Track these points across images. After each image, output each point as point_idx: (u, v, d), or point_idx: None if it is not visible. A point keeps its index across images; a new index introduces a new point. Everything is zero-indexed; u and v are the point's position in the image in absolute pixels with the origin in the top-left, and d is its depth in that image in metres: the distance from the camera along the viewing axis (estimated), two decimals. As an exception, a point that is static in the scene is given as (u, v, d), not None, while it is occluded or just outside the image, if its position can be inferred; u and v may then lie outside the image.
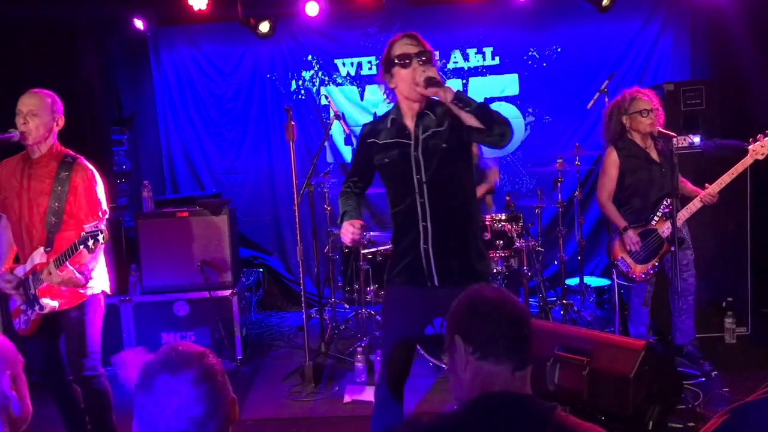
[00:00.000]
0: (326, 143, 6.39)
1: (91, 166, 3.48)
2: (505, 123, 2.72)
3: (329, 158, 6.85)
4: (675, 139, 4.03)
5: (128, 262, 5.37)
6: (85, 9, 5.81)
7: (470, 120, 2.69)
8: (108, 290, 3.60)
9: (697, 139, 5.00)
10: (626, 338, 4.11)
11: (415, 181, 2.87)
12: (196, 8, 5.70)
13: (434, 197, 2.87)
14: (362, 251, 5.35)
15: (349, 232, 2.90)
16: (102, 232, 3.12)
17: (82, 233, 3.14)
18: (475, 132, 2.72)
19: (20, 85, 3.52)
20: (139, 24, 5.86)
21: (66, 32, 5.73)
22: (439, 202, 2.88)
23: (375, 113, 6.65)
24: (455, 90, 2.72)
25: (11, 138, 3.28)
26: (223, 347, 5.04)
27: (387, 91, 2.99)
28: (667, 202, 4.25)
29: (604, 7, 5.66)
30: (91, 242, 3.11)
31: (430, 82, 2.72)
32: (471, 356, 1.71)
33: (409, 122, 2.93)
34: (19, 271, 3.46)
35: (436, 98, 2.82)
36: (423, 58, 2.84)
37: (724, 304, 4.96)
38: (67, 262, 3.21)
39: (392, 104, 3.02)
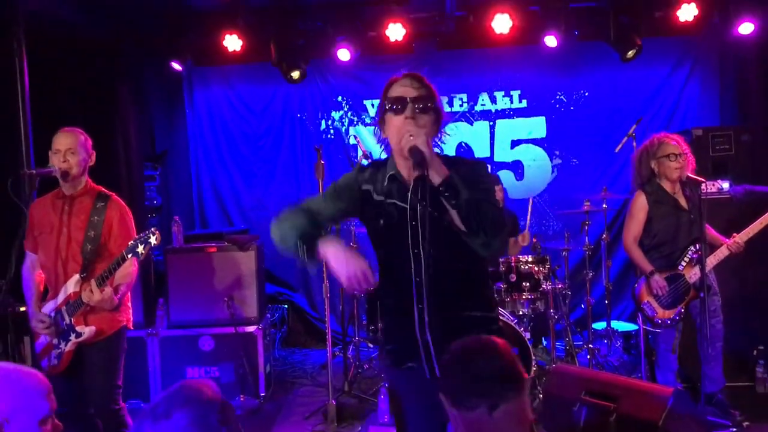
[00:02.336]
0: (354, 182, 6.46)
1: (123, 203, 3.59)
2: (494, 231, 2.17)
3: (356, 197, 6.90)
4: (704, 185, 4.02)
5: (156, 296, 5.44)
6: (125, 51, 6.02)
7: (453, 215, 2.18)
8: (131, 326, 3.67)
9: (726, 185, 4.97)
10: (654, 384, 4.04)
11: (411, 255, 2.33)
12: (230, 49, 5.85)
13: (434, 277, 2.27)
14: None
15: (357, 269, 2.19)
16: (153, 234, 3.19)
17: (129, 243, 3.22)
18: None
19: (59, 121, 3.63)
20: (176, 66, 6.02)
21: (105, 72, 5.92)
22: (440, 284, 2.29)
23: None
24: (446, 173, 2.17)
25: (51, 173, 3.40)
26: (246, 383, 5.05)
27: (380, 141, 2.44)
28: (695, 247, 4.23)
29: (627, 58, 5.70)
30: (141, 247, 3.20)
31: (413, 153, 2.15)
32: (452, 409, 1.75)
33: (408, 184, 2.35)
34: (49, 306, 3.53)
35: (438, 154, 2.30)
36: (420, 105, 2.26)
37: (755, 353, 4.86)
38: (107, 283, 3.29)
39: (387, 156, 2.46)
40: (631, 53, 5.67)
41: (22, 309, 4.85)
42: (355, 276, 2.20)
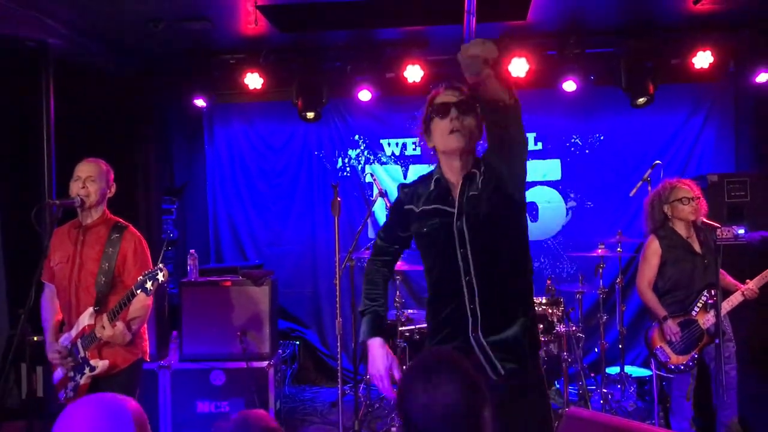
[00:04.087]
0: (368, 219, 6.51)
1: (139, 234, 3.63)
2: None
3: (371, 234, 6.94)
4: (719, 230, 4.02)
5: (170, 328, 5.45)
6: (148, 87, 6.17)
7: (494, 91, 2.20)
8: (147, 358, 3.69)
9: (741, 231, 4.96)
10: (669, 431, 3.99)
11: (459, 256, 2.45)
12: (251, 87, 5.98)
13: (483, 275, 2.43)
14: (400, 329, 5.36)
15: (380, 375, 2.51)
16: (161, 271, 3.20)
17: (139, 278, 3.24)
18: (491, 111, 2.28)
19: (82, 153, 3.70)
20: (199, 102, 6.14)
21: (128, 107, 6.05)
22: (488, 281, 2.44)
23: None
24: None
25: (73, 204, 3.45)
26: (256, 419, 5.02)
27: (425, 151, 2.65)
28: (711, 293, 4.21)
29: (637, 104, 5.75)
30: (149, 284, 3.21)
31: (470, 69, 2.14)
32: None
33: (455, 188, 2.52)
34: (65, 338, 3.55)
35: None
36: (463, 108, 2.47)
37: (771, 401, 4.79)
38: (119, 317, 3.31)
39: (434, 165, 2.64)
40: (641, 100, 5.72)
41: (36, 339, 4.91)
42: (375, 376, 2.51)
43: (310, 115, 6.14)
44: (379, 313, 2.65)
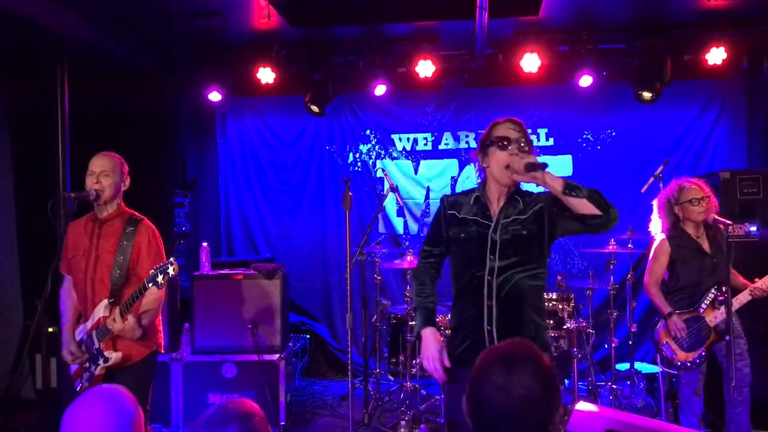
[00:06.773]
0: (379, 214, 6.54)
1: (153, 227, 3.65)
2: (612, 205, 2.65)
3: (381, 228, 6.97)
4: (731, 227, 4.01)
5: (182, 321, 5.49)
6: (161, 80, 6.21)
7: (583, 207, 2.62)
8: (162, 350, 3.73)
9: (753, 228, 4.94)
10: (680, 428, 3.99)
11: (488, 260, 2.80)
12: (264, 82, 6.00)
13: (504, 280, 2.78)
14: (410, 323, 5.38)
15: (433, 358, 2.74)
16: (172, 265, 3.22)
17: (150, 271, 3.26)
18: (579, 219, 2.66)
19: (96, 146, 3.74)
20: (213, 97, 6.16)
21: (141, 100, 6.09)
22: (508, 285, 2.78)
23: (428, 187, 6.81)
24: (562, 177, 2.66)
25: (88, 197, 3.48)
26: (267, 412, 5.04)
27: (478, 169, 2.98)
28: (722, 290, 4.20)
29: (644, 100, 5.71)
30: (160, 277, 3.23)
31: (530, 167, 2.65)
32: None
33: (494, 205, 2.89)
34: (81, 330, 3.59)
35: (532, 184, 2.79)
36: (522, 145, 2.82)
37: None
38: (131, 310, 3.34)
39: (479, 181, 2.99)
40: (647, 95, 5.66)
41: (51, 330, 4.96)
42: (428, 357, 2.75)
43: (315, 108, 6.16)
44: (429, 308, 2.90)
